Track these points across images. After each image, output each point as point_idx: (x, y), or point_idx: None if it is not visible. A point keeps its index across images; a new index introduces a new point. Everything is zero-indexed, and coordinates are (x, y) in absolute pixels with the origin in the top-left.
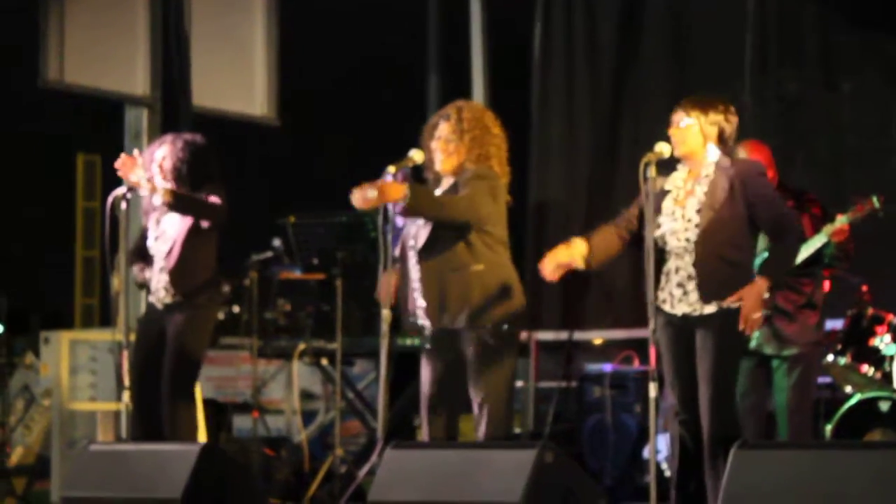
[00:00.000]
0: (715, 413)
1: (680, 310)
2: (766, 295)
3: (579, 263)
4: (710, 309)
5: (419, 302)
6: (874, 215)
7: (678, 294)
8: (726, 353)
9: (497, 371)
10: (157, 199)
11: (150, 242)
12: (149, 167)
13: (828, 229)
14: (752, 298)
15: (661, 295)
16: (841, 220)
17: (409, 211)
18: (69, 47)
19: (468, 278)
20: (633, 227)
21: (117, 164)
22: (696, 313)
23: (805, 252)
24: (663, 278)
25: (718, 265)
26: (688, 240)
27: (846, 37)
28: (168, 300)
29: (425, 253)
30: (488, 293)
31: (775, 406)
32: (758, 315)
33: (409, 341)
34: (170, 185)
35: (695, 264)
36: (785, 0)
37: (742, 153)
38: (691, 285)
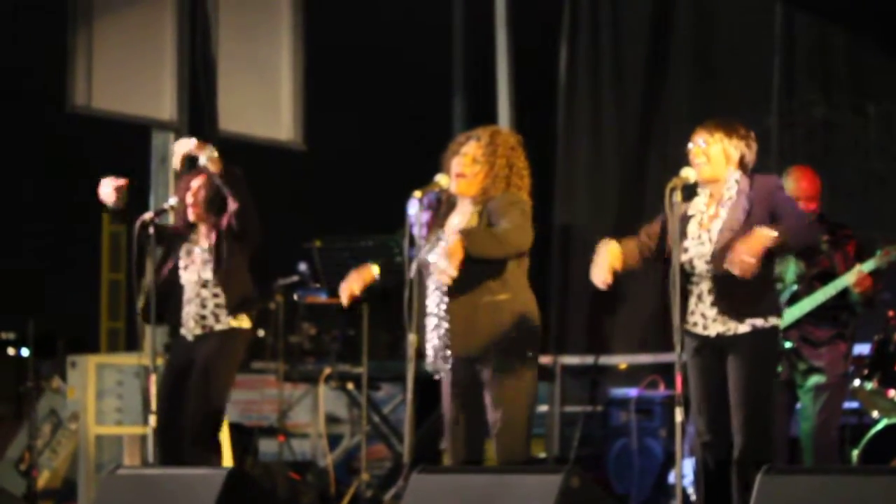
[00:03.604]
0: (749, 435)
1: (714, 330)
2: (771, 242)
3: (617, 266)
4: (745, 328)
5: (432, 330)
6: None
7: (712, 314)
8: (760, 372)
9: (519, 395)
10: (203, 160)
11: (180, 271)
12: (183, 195)
13: (850, 278)
14: (753, 240)
15: (692, 318)
16: (860, 269)
17: (472, 256)
18: (96, 73)
19: (497, 307)
20: (653, 246)
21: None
22: (731, 332)
23: (831, 291)
24: (693, 301)
25: (737, 283)
26: None
27: (873, 61)
28: (198, 332)
29: (457, 284)
30: (515, 320)
31: (800, 432)
32: (750, 260)
33: None
34: (215, 153)
35: (713, 283)
36: (813, 24)
37: (790, 178)
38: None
